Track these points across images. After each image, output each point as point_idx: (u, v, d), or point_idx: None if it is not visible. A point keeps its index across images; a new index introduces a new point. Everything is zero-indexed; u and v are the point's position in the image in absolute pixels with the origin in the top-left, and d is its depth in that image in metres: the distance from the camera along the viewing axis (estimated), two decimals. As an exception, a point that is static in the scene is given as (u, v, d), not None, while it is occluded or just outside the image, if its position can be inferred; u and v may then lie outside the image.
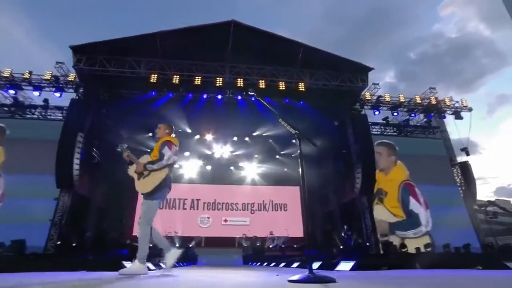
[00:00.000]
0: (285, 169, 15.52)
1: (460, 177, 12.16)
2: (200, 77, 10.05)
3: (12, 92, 10.63)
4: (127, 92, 10.86)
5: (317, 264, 5.48)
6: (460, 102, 12.66)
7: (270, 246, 13.28)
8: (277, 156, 15.37)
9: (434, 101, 12.34)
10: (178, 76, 10.00)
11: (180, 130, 12.95)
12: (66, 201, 9.19)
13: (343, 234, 10.88)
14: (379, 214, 10.67)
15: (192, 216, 14.51)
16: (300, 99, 10.90)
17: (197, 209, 14.81)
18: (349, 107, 11.28)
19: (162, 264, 3.90)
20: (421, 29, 59.81)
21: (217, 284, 2.04)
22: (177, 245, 12.67)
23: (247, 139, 14.26)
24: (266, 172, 15.89)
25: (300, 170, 2.63)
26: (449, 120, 12.91)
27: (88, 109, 9.89)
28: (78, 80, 10.24)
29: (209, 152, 15.00)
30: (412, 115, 12.85)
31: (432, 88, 12.95)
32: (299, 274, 2.20)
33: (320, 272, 2.43)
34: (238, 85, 10.18)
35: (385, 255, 8.18)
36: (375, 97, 11.92)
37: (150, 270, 3.94)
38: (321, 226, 13.88)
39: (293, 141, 13.30)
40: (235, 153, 15.13)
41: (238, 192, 15.50)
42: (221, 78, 10.19)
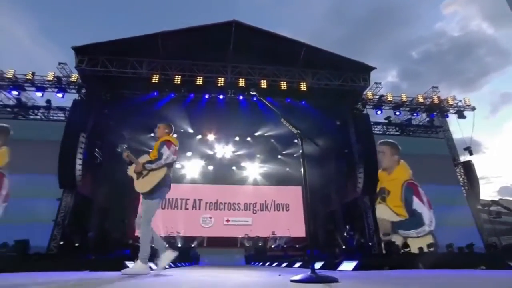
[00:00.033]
0: (287, 169, 15.51)
1: (463, 176, 12.09)
2: (201, 77, 10.07)
3: (15, 93, 10.68)
4: (129, 93, 10.91)
5: (319, 264, 5.46)
6: (463, 101, 12.59)
7: (272, 246, 13.28)
8: (279, 156, 15.37)
9: (436, 100, 12.27)
10: (179, 77, 10.03)
11: (182, 130, 12.97)
12: (68, 201, 9.24)
13: (345, 234, 10.85)
14: (382, 213, 10.61)
15: (194, 216, 14.54)
16: (302, 99, 10.90)
17: (199, 209, 14.83)
18: (351, 106, 11.27)
19: (152, 265, 3.86)
20: (424, 28, 59.34)
21: (219, 284, 2.04)
22: (179, 245, 12.68)
23: (249, 139, 14.27)
24: (268, 172, 15.89)
25: (302, 170, 2.62)
26: (452, 120, 12.82)
27: (90, 109, 9.95)
28: (80, 80, 10.27)
29: (211, 152, 15.02)
30: (415, 114, 12.77)
31: (435, 87, 12.89)
32: (301, 274, 2.19)
33: (323, 272, 2.42)
34: (240, 85, 10.19)
35: (388, 255, 8.15)
36: (377, 97, 11.87)
37: (152, 270, 3.94)
38: (323, 226, 13.86)
39: (295, 141, 13.28)
40: (237, 153, 15.14)
41: (240, 192, 15.51)
42: (222, 78, 10.20)
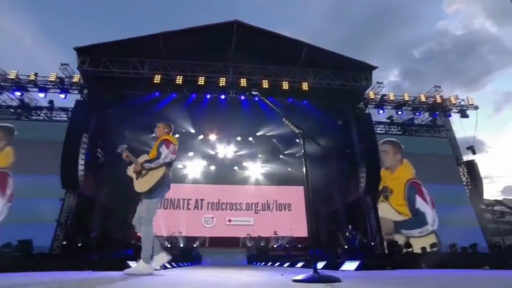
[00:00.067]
0: (289, 169, 15.49)
1: (466, 176, 12.02)
2: (203, 77, 10.08)
3: (18, 94, 10.74)
4: (130, 93, 10.93)
5: (322, 264, 5.46)
6: (466, 100, 12.51)
7: (275, 246, 13.27)
8: (281, 156, 15.36)
9: (439, 100, 12.21)
10: (181, 77, 10.04)
11: (183, 130, 12.99)
12: (71, 202, 9.28)
13: (347, 234, 10.84)
14: (385, 212, 10.58)
15: (196, 216, 14.55)
16: (303, 98, 10.88)
17: (201, 209, 14.84)
18: (353, 106, 11.23)
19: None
20: (426, 27, 59.01)
21: (221, 284, 2.04)
22: (181, 245, 12.69)
23: (250, 139, 14.27)
24: (270, 172, 15.88)
25: (304, 169, 2.61)
26: (455, 119, 12.76)
27: (92, 110, 9.98)
28: (82, 81, 10.31)
29: (212, 152, 15.04)
30: (417, 114, 12.71)
31: (437, 86, 12.82)
32: (304, 274, 2.18)
33: (325, 272, 2.41)
34: (241, 85, 10.18)
35: (390, 255, 8.12)
36: (379, 96, 11.83)
37: (155, 270, 3.95)
38: (326, 226, 13.84)
39: (297, 140, 13.27)
40: (239, 153, 15.14)
41: (242, 192, 15.51)
42: (224, 78, 10.20)
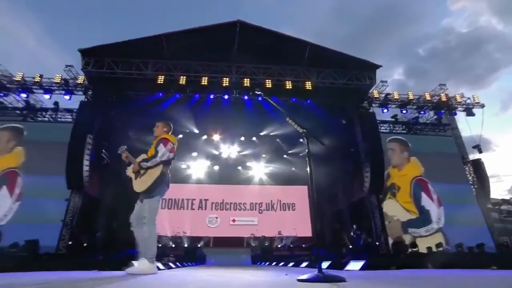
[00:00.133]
0: (293, 169, 15.46)
1: (472, 175, 11.90)
2: (206, 78, 10.10)
3: (23, 95, 10.89)
4: (134, 94, 11.00)
5: (326, 263, 5.42)
6: (471, 99, 12.39)
7: (279, 246, 13.26)
8: (285, 156, 15.32)
9: (444, 98, 12.10)
10: (184, 77, 10.07)
11: (187, 130, 13.03)
12: (77, 202, 9.35)
13: (352, 234, 10.76)
14: (392, 209, 10.53)
15: (201, 216, 14.58)
16: (307, 98, 10.85)
17: (205, 209, 14.87)
18: (357, 105, 11.17)
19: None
20: (430, 24, 58.56)
21: (225, 284, 2.03)
22: (186, 245, 12.73)
23: (254, 138, 14.26)
24: (273, 171, 15.86)
25: (308, 169, 2.60)
26: (460, 117, 12.64)
27: (96, 111, 10.05)
28: (87, 82, 10.39)
29: (216, 152, 15.05)
30: (422, 112, 12.62)
31: (442, 84, 12.71)
32: (308, 273, 2.17)
33: (330, 272, 2.40)
34: (245, 85, 10.19)
35: (395, 255, 8.06)
36: (383, 95, 11.76)
37: (159, 269, 3.96)
38: (330, 226, 13.78)
39: (301, 140, 13.22)
40: (243, 153, 15.14)
41: (246, 192, 15.51)
42: (227, 78, 10.21)
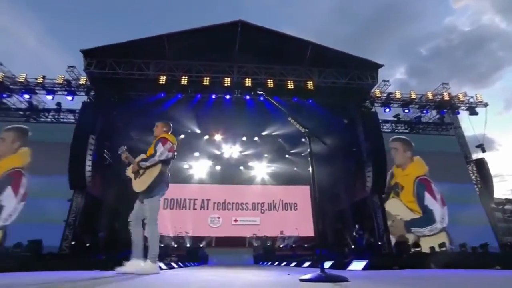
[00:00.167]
0: (295, 168, 15.44)
1: (475, 174, 11.83)
2: (208, 78, 10.09)
3: (26, 96, 10.95)
4: (136, 94, 11.01)
5: (329, 263, 5.41)
6: (475, 98, 12.32)
7: (281, 246, 13.24)
8: (287, 156, 15.31)
9: (447, 97, 12.03)
10: (186, 77, 10.08)
11: (189, 130, 13.04)
12: (79, 202, 9.39)
13: (354, 233, 10.74)
14: (395, 209, 10.50)
15: (203, 216, 14.60)
16: (309, 97, 10.83)
17: (207, 209, 14.89)
18: (358, 104, 11.13)
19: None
20: (433, 23, 58.29)
21: (228, 284, 2.03)
22: (188, 245, 12.73)
23: (256, 138, 14.26)
24: (275, 171, 15.85)
25: (311, 169, 2.59)
26: (463, 116, 12.56)
27: (99, 111, 10.08)
28: (89, 83, 10.43)
29: (218, 152, 15.06)
30: (424, 111, 12.56)
31: (445, 83, 12.64)
32: (311, 273, 2.16)
33: (332, 272, 2.39)
34: (246, 85, 10.18)
35: (398, 255, 8.03)
36: (385, 94, 11.71)
37: (162, 269, 3.97)
38: (332, 225, 13.75)
39: (303, 140, 13.18)
40: (245, 153, 15.14)
41: (248, 192, 15.50)
42: (229, 78, 10.21)
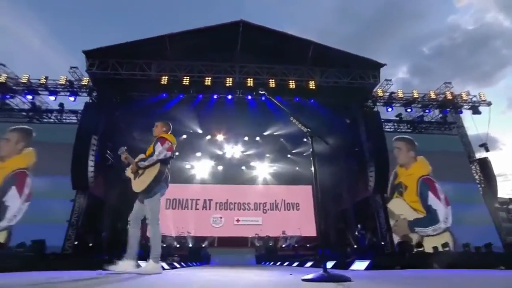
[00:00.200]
0: (297, 168, 15.41)
1: (479, 174, 11.75)
2: (210, 78, 10.10)
3: (29, 97, 11.00)
4: (138, 95, 11.05)
5: (331, 263, 5.40)
6: (478, 96, 12.24)
7: (283, 246, 13.23)
8: (289, 155, 15.28)
9: (450, 96, 11.96)
10: (188, 77, 10.08)
11: (191, 130, 13.05)
12: (82, 203, 9.43)
13: (357, 233, 10.70)
14: (399, 208, 10.46)
15: (205, 216, 14.61)
16: (310, 97, 10.80)
17: (209, 209, 14.90)
18: (361, 104, 11.09)
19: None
20: (435, 22, 57.82)
21: (230, 284, 2.03)
22: (190, 245, 12.76)
23: (258, 138, 14.24)
24: (277, 171, 15.83)
25: (313, 168, 2.58)
26: (466, 115, 12.47)
27: (101, 112, 10.11)
28: (91, 84, 10.47)
29: (220, 152, 15.06)
30: (427, 111, 12.49)
31: (448, 82, 12.56)
32: (313, 273, 2.15)
33: (335, 272, 2.38)
34: (248, 84, 10.17)
35: (401, 255, 8.00)
36: (387, 94, 11.67)
37: (164, 269, 3.97)
38: (334, 225, 13.72)
39: (305, 139, 13.19)
40: (246, 152, 15.13)
41: (250, 191, 15.50)
42: (231, 78, 10.20)
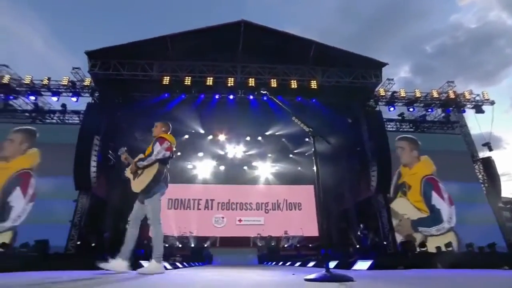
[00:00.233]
0: (299, 168, 15.40)
1: (482, 173, 11.68)
2: (211, 78, 10.11)
3: (32, 98, 11.06)
4: (140, 95, 11.07)
5: (333, 263, 5.38)
6: (481, 95, 12.15)
7: (285, 246, 13.22)
8: (291, 155, 15.27)
9: (452, 95, 11.89)
10: (190, 78, 10.10)
11: (193, 131, 13.07)
12: (84, 203, 9.47)
13: (359, 233, 10.67)
14: (402, 208, 10.42)
15: (207, 216, 14.63)
16: (312, 97, 10.79)
17: (211, 209, 14.92)
18: (362, 103, 11.07)
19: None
20: (438, 21, 57.54)
21: (233, 283, 2.02)
22: (192, 245, 12.77)
23: (259, 138, 14.24)
24: (279, 171, 15.83)
25: (315, 168, 2.57)
26: (469, 115, 12.39)
27: (103, 112, 10.14)
28: (93, 84, 10.49)
29: (222, 152, 15.07)
30: (429, 110, 12.41)
31: (450, 82, 12.49)
32: (316, 273, 2.15)
33: (337, 271, 2.37)
34: (250, 84, 10.18)
35: (404, 255, 7.96)
36: (389, 93, 11.61)
37: (167, 269, 3.98)
38: (337, 225, 13.70)
39: (306, 139, 13.16)
40: (248, 152, 15.14)
41: (252, 191, 15.51)
42: (232, 78, 10.21)
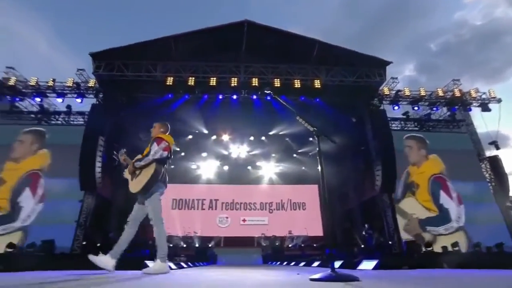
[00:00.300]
0: (303, 168, 15.37)
1: (489, 172, 11.53)
2: (215, 78, 10.12)
3: (38, 99, 11.18)
4: (144, 96, 11.12)
5: (338, 263, 5.35)
6: (487, 93, 11.98)
7: (290, 246, 13.20)
8: (294, 155, 15.24)
9: (458, 94, 11.75)
10: (193, 78, 10.12)
11: (196, 131, 13.11)
12: (90, 203, 9.55)
13: (364, 233, 10.61)
14: (411, 207, 10.35)
15: (211, 216, 14.66)
16: (316, 96, 10.75)
17: (215, 209, 14.95)
18: (367, 103, 11.00)
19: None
20: (442, 18, 56.72)
21: (237, 283, 2.02)
22: (197, 245, 12.79)
23: (263, 138, 14.23)
24: (283, 171, 15.81)
25: (320, 168, 2.56)
26: (476, 113, 12.23)
27: (108, 113, 10.22)
28: (98, 85, 10.58)
29: (226, 153, 15.10)
30: (434, 109, 12.29)
31: (456, 80, 12.35)
32: (321, 272, 2.13)
33: (342, 271, 2.35)
34: (253, 84, 10.17)
35: (409, 255, 7.90)
36: (393, 92, 11.52)
37: (171, 269, 3.99)
38: (341, 225, 13.65)
39: (310, 139, 13.14)
40: (252, 152, 15.14)
41: (256, 191, 15.51)
42: (236, 78, 10.22)
